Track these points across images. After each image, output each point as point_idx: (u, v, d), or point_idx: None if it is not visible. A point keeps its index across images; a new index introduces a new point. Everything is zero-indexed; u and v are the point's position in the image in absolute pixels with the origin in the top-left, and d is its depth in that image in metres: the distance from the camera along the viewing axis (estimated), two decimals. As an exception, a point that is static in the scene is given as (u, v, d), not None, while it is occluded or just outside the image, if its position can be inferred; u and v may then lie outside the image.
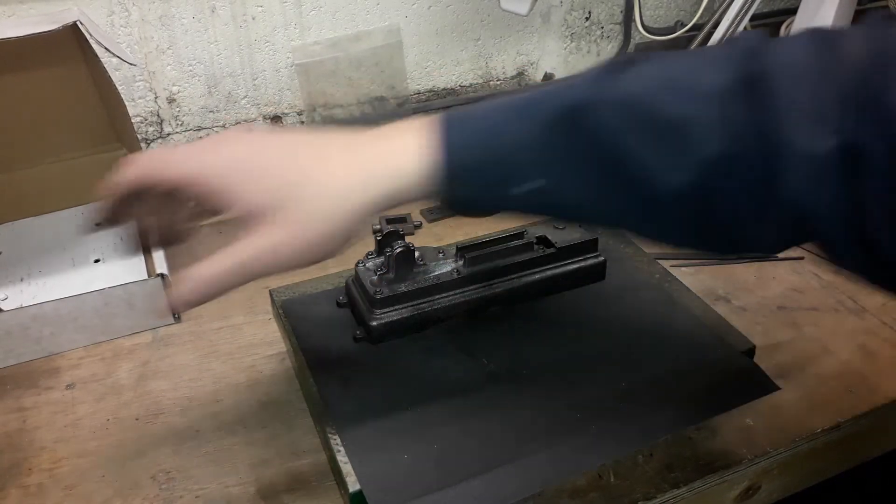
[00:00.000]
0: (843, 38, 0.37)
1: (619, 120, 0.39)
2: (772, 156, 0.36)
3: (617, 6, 1.05)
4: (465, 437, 0.50)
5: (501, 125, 0.41)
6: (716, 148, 0.37)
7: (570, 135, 0.40)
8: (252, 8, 0.85)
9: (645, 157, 0.38)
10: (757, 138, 0.36)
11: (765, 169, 0.37)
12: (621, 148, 0.39)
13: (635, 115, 0.39)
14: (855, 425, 0.58)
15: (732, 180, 0.38)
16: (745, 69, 0.37)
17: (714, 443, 0.55)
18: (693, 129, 0.37)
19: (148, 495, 0.52)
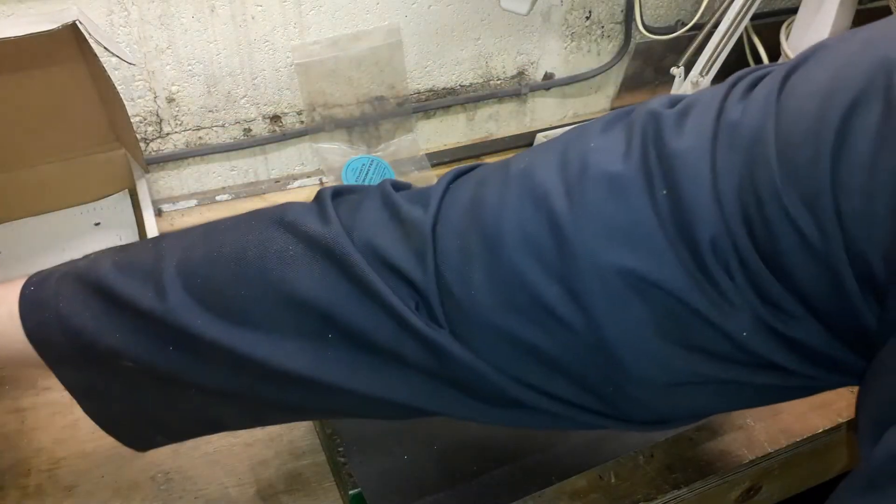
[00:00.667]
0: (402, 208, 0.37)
1: (186, 307, 0.38)
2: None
3: (617, 5, 1.05)
4: (465, 438, 0.50)
5: (79, 308, 0.41)
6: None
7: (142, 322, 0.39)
8: (251, 7, 0.84)
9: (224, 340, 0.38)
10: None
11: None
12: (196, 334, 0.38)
13: (201, 298, 0.39)
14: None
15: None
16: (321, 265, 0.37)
17: (715, 443, 0.55)
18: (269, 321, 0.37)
19: (147, 496, 0.52)
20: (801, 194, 0.28)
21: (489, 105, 1.03)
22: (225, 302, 0.37)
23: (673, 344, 0.32)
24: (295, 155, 0.95)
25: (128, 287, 0.39)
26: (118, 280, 0.39)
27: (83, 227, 0.83)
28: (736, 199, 0.30)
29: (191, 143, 0.90)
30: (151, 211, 0.78)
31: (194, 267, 0.39)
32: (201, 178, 0.92)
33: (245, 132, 0.92)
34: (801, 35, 0.92)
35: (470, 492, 0.47)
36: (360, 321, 0.35)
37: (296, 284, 0.36)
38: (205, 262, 0.39)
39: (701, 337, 0.31)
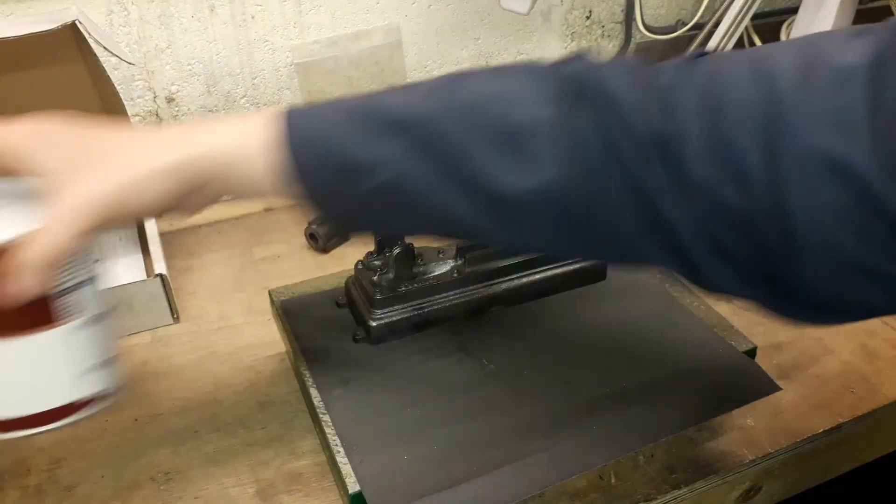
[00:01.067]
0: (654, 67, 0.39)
1: (458, 129, 0.39)
2: (616, 153, 0.37)
3: (618, 5, 1.05)
4: (465, 438, 0.50)
5: (345, 128, 0.41)
6: (562, 164, 0.38)
7: (410, 143, 0.40)
8: (251, 7, 0.84)
9: (488, 161, 0.39)
10: (600, 137, 0.37)
11: (613, 169, 0.37)
12: (463, 158, 0.39)
13: (475, 124, 0.39)
14: (856, 426, 0.57)
15: (587, 183, 0.38)
16: (577, 79, 0.39)
17: (715, 443, 0.55)
18: (536, 135, 0.38)
19: (147, 496, 0.52)
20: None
21: (489, 105, 1.04)
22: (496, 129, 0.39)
23: (855, 235, 0.34)
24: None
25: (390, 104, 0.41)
26: (385, 98, 0.41)
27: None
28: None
29: (191, 143, 0.90)
30: (151, 211, 0.78)
31: (461, 100, 0.40)
32: (201, 177, 0.92)
33: (245, 132, 0.92)
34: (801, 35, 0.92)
35: (470, 492, 0.47)
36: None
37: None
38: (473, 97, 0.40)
39: (885, 235, 0.33)
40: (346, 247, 0.80)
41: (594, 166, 0.38)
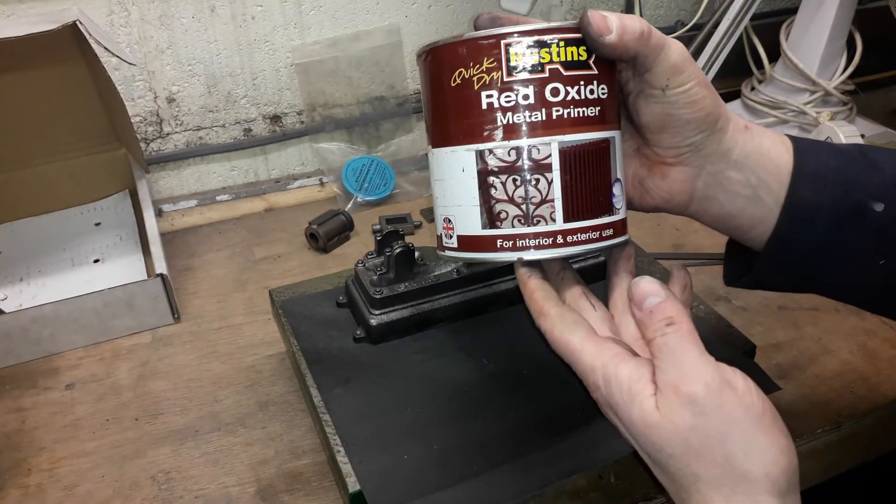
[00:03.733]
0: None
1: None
2: None
3: (617, 5, 1.05)
4: (464, 437, 0.50)
5: (847, 155, 0.42)
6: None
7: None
8: (252, 7, 0.85)
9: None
10: None
11: None
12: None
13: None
14: (855, 425, 0.58)
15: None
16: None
17: (714, 443, 0.55)
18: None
19: (147, 496, 0.52)
20: None
21: (489, 105, 1.04)
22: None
23: None
24: (295, 155, 0.95)
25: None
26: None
27: (83, 227, 0.83)
28: None
29: (191, 143, 0.90)
30: (152, 211, 0.78)
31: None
32: (201, 178, 0.92)
33: (245, 132, 0.92)
34: (800, 35, 0.92)
35: (470, 492, 0.47)
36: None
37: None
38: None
39: None
40: (346, 247, 0.80)
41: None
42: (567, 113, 0.38)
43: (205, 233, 0.84)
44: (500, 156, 0.39)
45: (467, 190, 0.40)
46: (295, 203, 0.90)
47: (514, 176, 0.39)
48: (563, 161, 0.39)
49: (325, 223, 0.79)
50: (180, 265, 0.78)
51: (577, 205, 0.39)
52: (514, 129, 0.38)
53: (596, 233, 0.40)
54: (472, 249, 0.41)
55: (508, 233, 0.40)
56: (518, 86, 0.38)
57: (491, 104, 0.38)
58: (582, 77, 0.39)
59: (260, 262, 0.78)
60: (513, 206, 0.39)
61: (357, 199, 0.87)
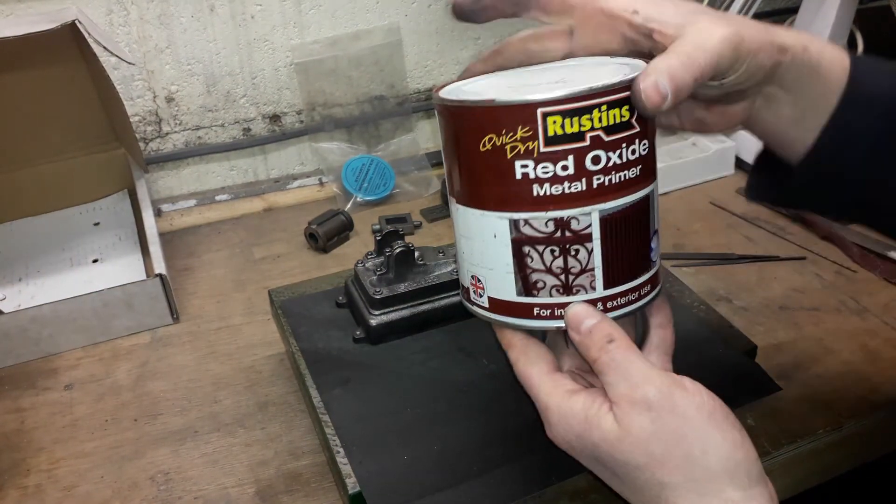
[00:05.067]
0: None
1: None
2: None
3: (617, 5, 1.05)
4: (464, 438, 0.50)
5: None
6: None
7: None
8: (251, 7, 0.84)
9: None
10: None
11: None
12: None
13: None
14: (856, 426, 0.57)
15: None
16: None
17: (715, 443, 0.55)
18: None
19: (147, 496, 0.52)
20: None
21: (489, 105, 1.03)
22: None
23: None
24: (294, 155, 0.95)
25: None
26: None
27: (83, 226, 0.83)
28: None
29: (190, 143, 0.90)
30: (151, 211, 0.78)
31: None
32: (201, 177, 0.92)
33: (244, 132, 0.92)
34: (801, 34, 0.92)
35: (470, 492, 0.46)
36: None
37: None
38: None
39: None
40: (345, 247, 0.80)
41: None
42: (609, 180, 0.36)
43: (204, 233, 0.84)
44: (536, 226, 0.36)
45: (500, 256, 0.38)
46: (294, 203, 0.90)
47: (553, 247, 0.37)
48: (604, 229, 0.37)
49: (324, 223, 0.79)
50: (179, 265, 0.78)
51: (617, 271, 0.38)
52: (552, 200, 0.36)
53: (635, 294, 0.39)
54: (506, 314, 0.40)
55: (546, 302, 0.38)
56: (556, 157, 0.35)
57: (526, 174, 0.35)
58: (624, 139, 0.36)
59: (259, 262, 0.78)
60: (551, 277, 0.37)
61: (357, 199, 0.87)
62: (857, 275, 0.73)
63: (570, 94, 0.34)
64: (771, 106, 0.42)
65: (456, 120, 0.37)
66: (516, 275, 0.38)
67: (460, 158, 0.38)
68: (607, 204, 0.36)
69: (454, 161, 0.38)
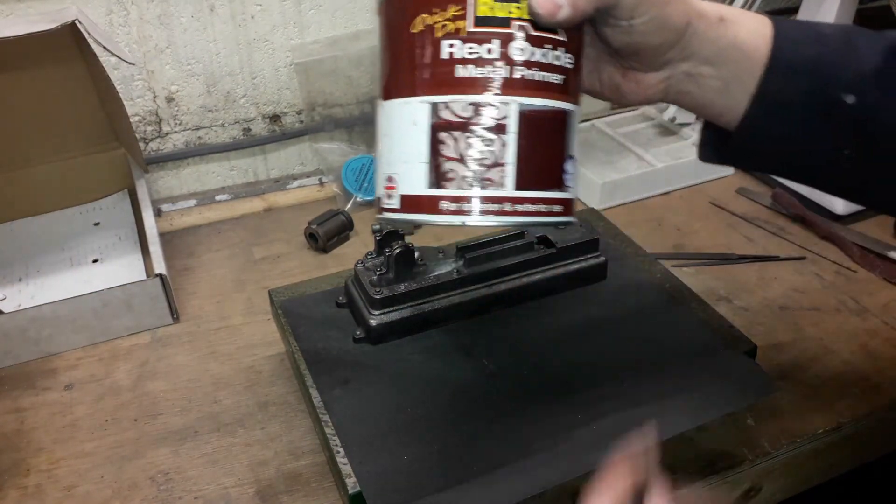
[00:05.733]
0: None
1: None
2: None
3: (617, 5, 1.05)
4: (465, 438, 0.50)
5: (829, 41, 0.42)
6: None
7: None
8: (251, 7, 0.84)
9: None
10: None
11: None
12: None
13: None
14: (856, 426, 0.57)
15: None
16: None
17: (715, 444, 0.55)
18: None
19: (147, 496, 0.52)
20: None
21: (489, 105, 1.03)
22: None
23: None
24: (294, 155, 0.95)
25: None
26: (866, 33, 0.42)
27: (83, 226, 0.83)
28: None
29: (190, 143, 0.90)
30: (151, 211, 0.78)
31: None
32: (201, 177, 0.92)
33: (244, 132, 0.92)
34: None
35: (470, 492, 0.46)
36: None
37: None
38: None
39: None
40: (345, 247, 0.80)
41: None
42: (530, 75, 0.37)
43: (204, 233, 0.84)
44: (456, 110, 0.36)
45: (417, 145, 0.37)
46: (294, 203, 0.90)
47: (468, 134, 0.36)
48: (521, 124, 0.37)
49: (324, 223, 0.79)
50: (179, 265, 0.78)
51: (529, 173, 0.37)
52: (474, 83, 0.36)
53: (544, 206, 0.38)
54: (414, 210, 0.38)
55: (454, 194, 0.37)
56: (483, 38, 0.36)
57: (452, 54, 0.36)
58: (549, 41, 0.37)
59: (259, 262, 0.78)
60: (462, 166, 0.37)
61: (357, 199, 0.87)
62: (857, 275, 0.73)
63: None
64: (694, 79, 0.43)
65: (393, 5, 0.38)
66: (430, 164, 0.37)
67: (391, 48, 0.38)
68: (526, 99, 0.37)
69: (386, 53, 0.39)
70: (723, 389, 0.55)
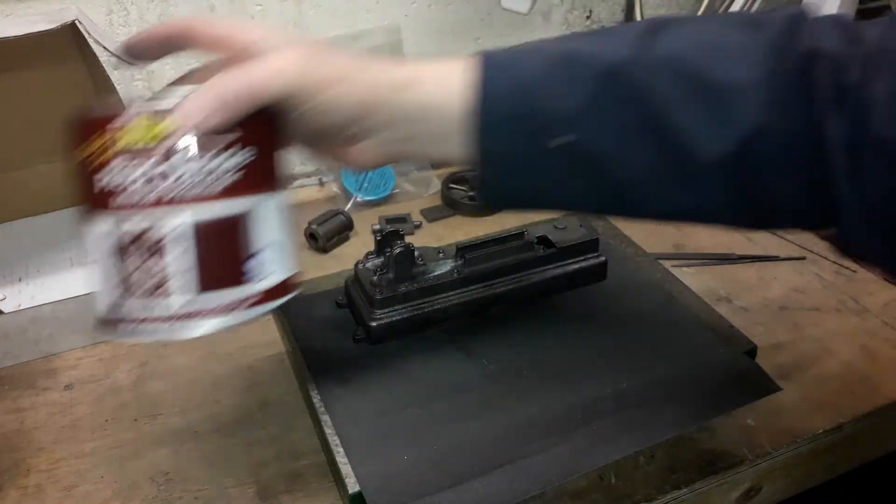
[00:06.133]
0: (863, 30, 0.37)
1: (662, 81, 0.38)
2: (817, 136, 0.36)
3: (618, 5, 1.05)
4: (465, 438, 0.50)
5: (541, 77, 0.40)
6: (763, 119, 0.37)
7: (610, 93, 0.39)
8: (251, 7, 0.84)
9: (688, 121, 0.38)
10: (803, 114, 0.36)
11: (808, 147, 0.37)
12: (663, 111, 0.38)
13: (680, 78, 0.38)
14: (856, 426, 0.57)
15: (776, 153, 0.37)
16: (791, 46, 0.37)
17: (715, 444, 0.55)
18: (740, 97, 0.37)
19: (147, 496, 0.52)
20: None
21: (489, 105, 1.03)
22: (696, 84, 0.38)
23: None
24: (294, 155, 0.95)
25: (592, 52, 0.39)
26: (582, 50, 0.40)
27: (83, 226, 0.83)
28: None
29: (190, 143, 0.90)
30: (151, 211, 0.78)
31: (664, 48, 0.39)
32: (201, 177, 0.92)
33: (245, 132, 0.91)
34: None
35: (470, 492, 0.46)
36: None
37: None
38: (677, 45, 0.39)
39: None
40: (345, 247, 0.80)
41: (790, 150, 0.37)
42: (199, 186, 0.37)
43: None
44: (125, 229, 0.38)
45: (102, 264, 0.39)
46: (294, 203, 0.89)
47: (131, 251, 0.38)
48: (191, 236, 0.37)
49: (324, 223, 0.79)
50: (179, 265, 0.77)
51: (208, 278, 0.38)
52: (130, 204, 0.37)
53: (217, 308, 0.39)
54: (105, 328, 0.40)
55: (128, 313, 0.39)
56: (134, 161, 0.37)
57: (107, 181, 0.37)
58: (215, 145, 0.37)
59: (259, 262, 0.78)
60: (130, 283, 0.38)
61: (357, 199, 0.87)
62: (857, 275, 0.73)
63: (145, 106, 0.37)
64: (407, 142, 0.42)
65: (69, 133, 0.41)
66: (108, 282, 0.39)
67: (73, 174, 0.41)
68: (198, 208, 0.37)
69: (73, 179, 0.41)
70: (723, 389, 0.55)
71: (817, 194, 0.38)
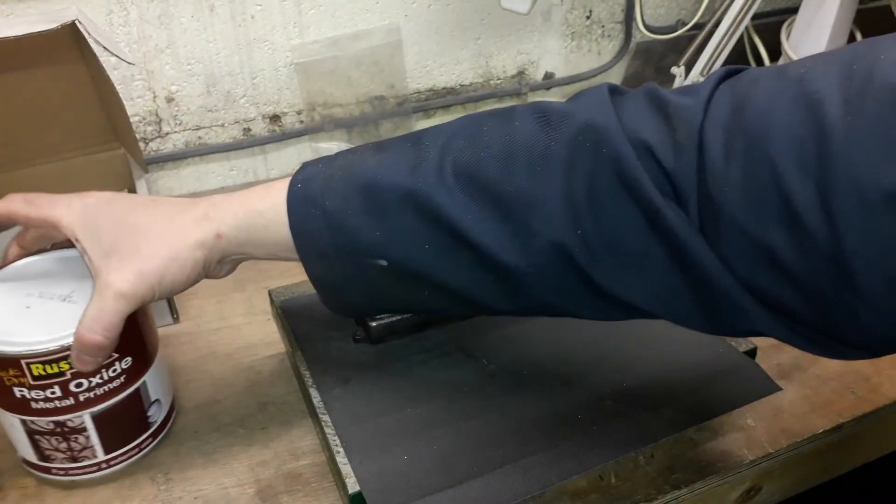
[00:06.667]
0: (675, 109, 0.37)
1: (458, 198, 0.40)
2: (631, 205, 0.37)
3: (618, 5, 1.05)
4: (465, 438, 0.50)
5: (347, 209, 0.42)
6: (555, 236, 0.38)
7: (415, 218, 0.41)
8: (251, 7, 0.84)
9: (484, 237, 0.40)
10: (614, 198, 0.37)
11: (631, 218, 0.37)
12: (466, 229, 0.40)
13: (475, 192, 0.40)
14: (857, 426, 0.57)
15: (565, 265, 0.39)
16: (588, 131, 0.38)
17: (715, 443, 0.55)
18: (533, 214, 0.38)
19: (146, 496, 0.52)
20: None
21: (489, 104, 1.04)
22: (493, 198, 0.39)
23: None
24: (294, 155, 0.95)
25: (392, 180, 0.41)
26: (382, 177, 0.42)
27: None
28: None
29: (190, 143, 0.90)
30: (151, 211, 0.78)
31: (462, 165, 0.40)
32: (200, 177, 0.92)
33: (244, 132, 0.92)
34: (801, 35, 0.92)
35: (470, 492, 0.46)
36: (613, 215, 0.37)
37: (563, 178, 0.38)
38: (472, 160, 0.41)
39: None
40: (345, 247, 0.80)
41: (606, 233, 0.38)
42: (94, 394, 0.48)
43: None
44: (41, 425, 0.48)
45: (22, 442, 0.50)
46: (294, 203, 0.89)
47: (57, 437, 0.49)
48: (96, 422, 0.49)
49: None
50: (179, 265, 0.77)
51: (114, 442, 0.51)
52: (49, 412, 0.47)
53: (136, 449, 0.53)
54: (36, 470, 0.52)
55: (61, 467, 0.51)
56: (45, 387, 0.46)
57: (24, 396, 0.46)
58: (103, 366, 0.47)
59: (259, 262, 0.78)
60: (59, 454, 0.50)
61: (357, 199, 0.87)
62: (857, 275, 0.73)
63: (45, 350, 0.45)
64: (246, 256, 0.49)
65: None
66: (34, 454, 0.50)
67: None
68: (95, 408, 0.48)
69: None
70: (723, 389, 0.55)
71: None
